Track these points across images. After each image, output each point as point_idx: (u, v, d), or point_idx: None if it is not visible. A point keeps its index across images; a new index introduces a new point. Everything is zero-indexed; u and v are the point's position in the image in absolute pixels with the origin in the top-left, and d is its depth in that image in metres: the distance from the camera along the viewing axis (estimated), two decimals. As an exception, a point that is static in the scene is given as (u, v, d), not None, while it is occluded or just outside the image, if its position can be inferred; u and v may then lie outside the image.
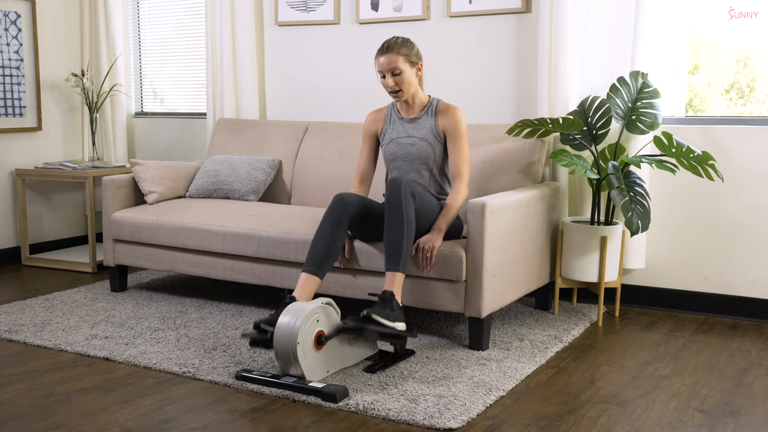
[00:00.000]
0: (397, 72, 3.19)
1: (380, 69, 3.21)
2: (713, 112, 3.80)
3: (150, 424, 2.45)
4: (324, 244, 3.06)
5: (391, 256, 2.95)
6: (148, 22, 5.29)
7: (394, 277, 2.94)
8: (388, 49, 3.19)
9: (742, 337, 3.41)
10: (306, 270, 3.03)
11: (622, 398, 2.69)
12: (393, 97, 3.26)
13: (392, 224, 2.96)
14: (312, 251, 3.06)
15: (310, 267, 3.03)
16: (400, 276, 2.94)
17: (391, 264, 2.95)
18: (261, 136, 4.45)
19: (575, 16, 3.73)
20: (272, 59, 4.75)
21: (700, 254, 3.74)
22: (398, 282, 2.93)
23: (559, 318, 3.64)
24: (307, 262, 3.05)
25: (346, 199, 3.10)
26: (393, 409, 2.53)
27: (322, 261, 3.04)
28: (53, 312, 3.71)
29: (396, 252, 2.94)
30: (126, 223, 3.98)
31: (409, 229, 2.96)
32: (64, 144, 5.22)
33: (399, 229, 2.95)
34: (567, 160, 3.43)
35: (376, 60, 3.23)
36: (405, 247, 2.95)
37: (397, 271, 2.94)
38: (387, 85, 3.21)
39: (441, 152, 3.30)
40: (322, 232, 3.08)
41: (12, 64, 4.84)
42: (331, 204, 3.11)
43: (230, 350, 3.14)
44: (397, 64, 3.18)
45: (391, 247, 2.95)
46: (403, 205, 2.96)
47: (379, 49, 3.22)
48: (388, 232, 2.97)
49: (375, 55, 3.23)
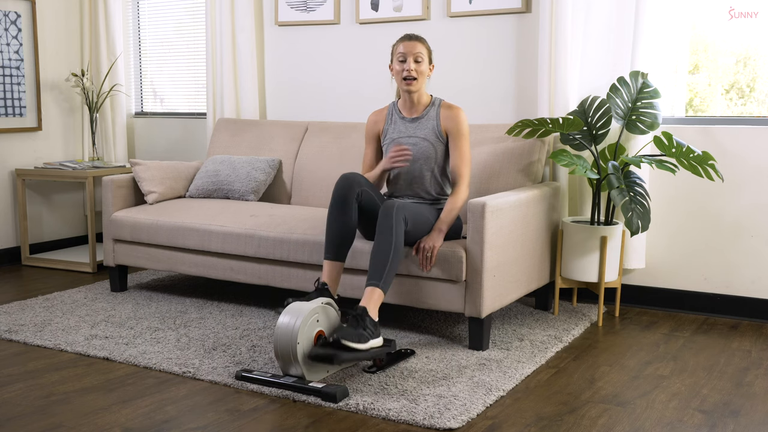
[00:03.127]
0: (420, 59, 3.22)
1: (404, 51, 3.22)
2: (713, 112, 3.80)
3: (150, 424, 2.45)
4: (337, 229, 3.09)
5: (374, 272, 2.91)
6: (148, 22, 5.29)
7: (373, 293, 2.87)
8: (415, 38, 3.26)
9: (742, 337, 3.41)
10: (327, 257, 3.09)
11: (622, 398, 2.69)
12: (406, 85, 3.25)
13: (381, 241, 2.94)
14: (328, 237, 3.10)
15: (329, 254, 3.09)
16: (380, 293, 2.88)
17: (372, 279, 2.90)
18: (261, 136, 4.45)
19: (575, 16, 3.73)
20: (272, 59, 4.75)
21: (700, 254, 3.75)
22: (376, 298, 2.87)
23: (559, 318, 3.64)
24: (326, 249, 3.10)
25: (351, 178, 3.10)
26: (393, 409, 2.53)
27: (339, 245, 3.09)
28: (53, 312, 3.71)
29: (380, 267, 2.90)
30: (126, 223, 3.98)
31: (395, 253, 2.93)
32: (64, 144, 5.22)
33: (386, 249, 2.92)
34: (567, 160, 3.43)
35: (397, 45, 3.26)
36: (389, 267, 2.91)
37: (377, 286, 2.88)
38: (406, 69, 3.22)
39: (443, 152, 3.30)
40: (332, 217, 3.10)
41: (12, 64, 4.84)
42: (337, 184, 3.11)
43: (230, 350, 3.14)
44: (421, 52, 3.23)
45: (375, 264, 2.92)
46: (394, 228, 2.94)
47: (404, 36, 3.27)
48: (375, 249, 2.95)
49: (396, 42, 3.26)
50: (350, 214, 3.10)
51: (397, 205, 2.99)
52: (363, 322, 2.78)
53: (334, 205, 3.10)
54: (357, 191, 3.10)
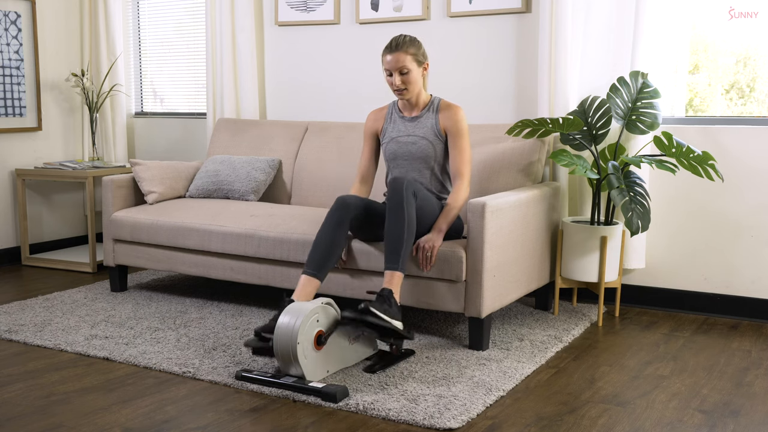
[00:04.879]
0: (405, 71, 3.19)
1: (387, 67, 3.20)
2: (713, 112, 3.80)
3: (150, 424, 2.45)
4: (325, 247, 3.05)
5: (390, 254, 2.95)
6: (148, 22, 5.29)
7: (393, 276, 2.93)
8: (396, 48, 3.18)
9: (742, 337, 3.41)
10: (306, 272, 3.03)
11: (622, 398, 2.69)
12: (398, 95, 3.25)
13: (393, 223, 2.96)
14: (312, 253, 3.05)
15: (310, 269, 3.03)
16: (399, 275, 2.94)
17: (390, 263, 2.95)
18: (261, 136, 4.45)
19: (575, 16, 3.73)
20: (272, 59, 4.75)
21: (700, 254, 3.74)
22: (397, 281, 2.93)
23: (559, 318, 3.64)
24: (308, 264, 3.04)
25: (348, 202, 3.10)
26: (393, 409, 2.53)
27: (323, 263, 3.04)
28: (53, 312, 3.71)
29: (395, 251, 2.94)
30: (126, 223, 3.98)
31: (409, 229, 2.96)
32: (64, 144, 5.22)
33: (399, 229, 2.95)
34: (567, 160, 3.43)
35: (383, 57, 3.22)
36: (405, 247, 2.95)
37: (396, 270, 2.94)
38: (393, 84, 3.21)
39: (442, 151, 3.30)
40: (323, 235, 3.07)
41: (12, 64, 4.84)
42: (333, 206, 3.11)
43: (230, 350, 3.14)
44: (405, 63, 3.18)
45: (391, 246, 2.95)
46: (405, 205, 2.96)
47: (387, 47, 3.21)
48: (388, 230, 2.97)
49: (382, 52, 3.22)
50: (341, 237, 3.08)
51: (406, 182, 2.99)
52: (389, 301, 2.85)
53: (328, 221, 3.09)
54: (353, 215, 3.10)
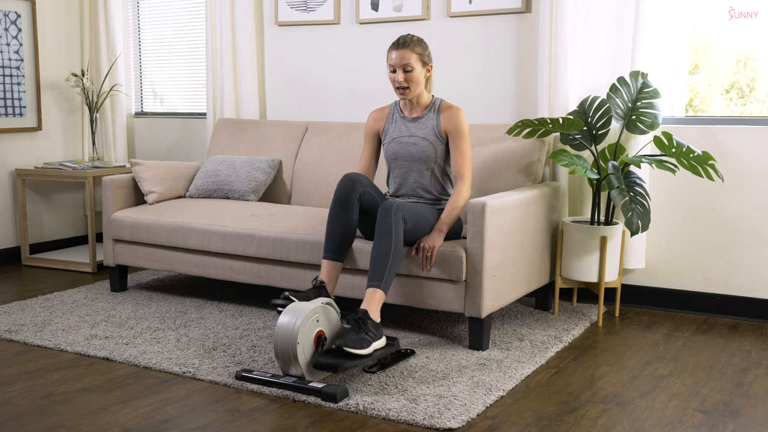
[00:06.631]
0: (409, 69, 3.19)
1: (392, 63, 3.20)
2: (713, 112, 3.80)
3: (150, 424, 2.45)
4: (337, 229, 3.10)
5: (374, 273, 2.92)
6: (148, 22, 5.29)
7: (374, 294, 2.89)
8: (403, 45, 3.19)
9: (742, 337, 3.41)
10: (326, 257, 3.11)
11: (622, 398, 2.69)
12: (399, 93, 3.25)
13: (380, 244, 2.95)
14: (328, 237, 3.11)
15: (329, 254, 3.10)
16: (381, 294, 2.90)
17: (373, 280, 2.91)
18: (261, 136, 4.45)
19: (575, 16, 3.73)
20: (272, 59, 4.75)
21: (700, 254, 3.74)
22: (377, 300, 2.89)
23: (559, 318, 3.64)
24: (326, 248, 3.11)
25: (354, 179, 3.11)
26: (393, 409, 2.53)
27: (339, 245, 3.11)
28: (53, 312, 3.71)
29: (380, 269, 2.91)
30: (126, 223, 3.98)
31: (396, 253, 2.94)
32: (64, 144, 5.22)
33: (386, 250, 2.93)
34: (567, 160, 3.43)
35: (388, 54, 3.23)
36: (390, 268, 2.93)
37: (378, 288, 2.90)
38: (396, 81, 3.21)
39: (443, 152, 3.30)
40: (333, 217, 3.11)
41: (12, 64, 4.84)
42: (339, 184, 3.12)
43: (230, 350, 3.14)
44: (409, 61, 3.18)
45: (376, 265, 2.93)
46: (393, 228, 2.95)
47: (394, 44, 3.22)
48: (375, 250, 2.95)
49: (388, 48, 3.23)
50: (351, 215, 3.10)
51: (395, 205, 2.99)
52: (365, 325, 2.79)
53: (336, 204, 3.10)
54: (359, 191, 3.10)
